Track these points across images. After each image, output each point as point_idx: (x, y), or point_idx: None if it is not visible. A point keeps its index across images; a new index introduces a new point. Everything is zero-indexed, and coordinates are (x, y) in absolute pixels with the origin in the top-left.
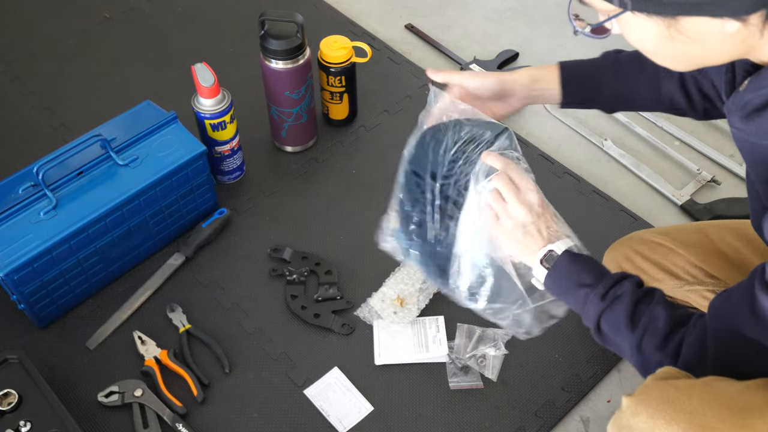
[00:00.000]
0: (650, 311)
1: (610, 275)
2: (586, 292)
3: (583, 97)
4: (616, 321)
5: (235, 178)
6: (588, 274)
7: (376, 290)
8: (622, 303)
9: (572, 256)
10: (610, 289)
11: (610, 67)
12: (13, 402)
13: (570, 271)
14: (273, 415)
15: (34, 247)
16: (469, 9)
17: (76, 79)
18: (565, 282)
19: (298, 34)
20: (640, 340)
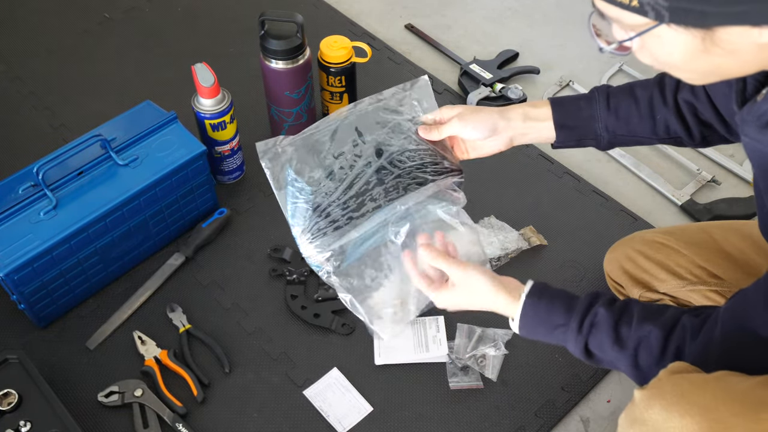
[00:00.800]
0: (635, 330)
1: (577, 305)
2: (563, 331)
3: (578, 134)
4: (602, 347)
5: (235, 178)
6: (557, 313)
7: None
8: (601, 330)
9: (533, 300)
10: (583, 320)
11: (602, 101)
12: (13, 402)
13: (537, 317)
14: (273, 415)
15: (34, 247)
16: (469, 9)
17: (76, 79)
18: (539, 329)
19: (298, 34)
20: (635, 359)
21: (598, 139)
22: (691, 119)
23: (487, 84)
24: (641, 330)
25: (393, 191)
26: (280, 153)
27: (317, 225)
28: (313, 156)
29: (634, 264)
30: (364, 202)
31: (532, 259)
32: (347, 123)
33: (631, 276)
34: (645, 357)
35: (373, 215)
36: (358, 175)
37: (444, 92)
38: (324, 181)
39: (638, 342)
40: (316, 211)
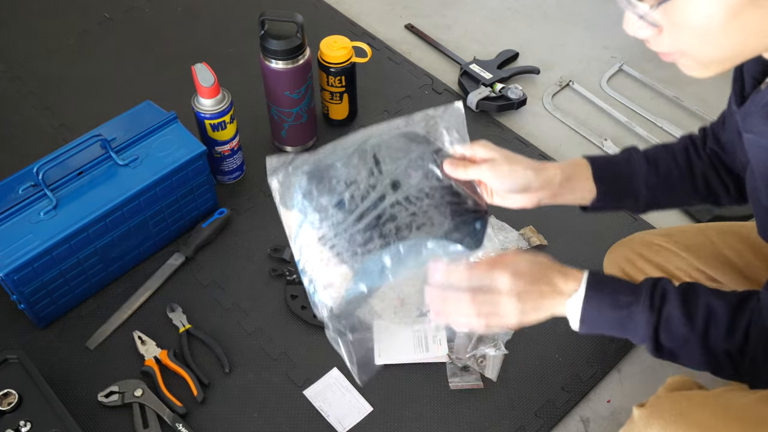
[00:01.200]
0: (704, 304)
1: (642, 284)
2: (632, 311)
3: (619, 190)
4: (673, 328)
5: (235, 178)
6: (623, 292)
7: None
8: (672, 305)
9: (595, 282)
10: (653, 295)
11: (641, 157)
12: (13, 402)
13: (602, 299)
14: (273, 415)
15: (34, 247)
16: (469, 9)
17: (76, 79)
18: (606, 311)
19: (298, 34)
20: (704, 337)
21: (638, 197)
22: (724, 172)
23: (487, 84)
24: (710, 305)
25: (405, 230)
26: (291, 173)
27: (320, 255)
28: (324, 181)
29: (633, 266)
30: (372, 238)
31: None
32: (366, 148)
33: (630, 278)
34: (715, 334)
35: (380, 253)
36: (369, 208)
37: (444, 92)
38: (332, 209)
39: (707, 318)
40: (320, 240)
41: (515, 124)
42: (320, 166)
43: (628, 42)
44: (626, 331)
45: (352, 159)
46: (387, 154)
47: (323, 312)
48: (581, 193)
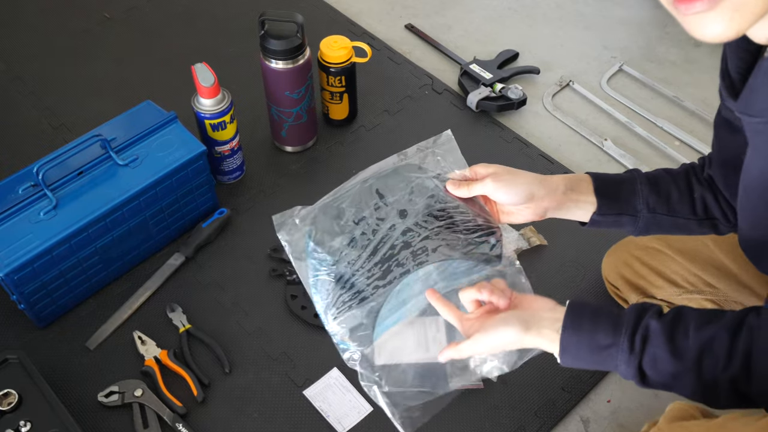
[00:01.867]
0: (694, 337)
1: (624, 321)
2: (611, 353)
3: (619, 207)
4: (658, 365)
5: (235, 178)
6: (602, 333)
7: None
8: (655, 345)
9: (573, 323)
10: (634, 337)
11: (642, 176)
12: (13, 402)
13: (580, 341)
14: (273, 415)
15: (34, 247)
16: (469, 9)
17: (76, 79)
18: (584, 353)
19: (298, 34)
20: (698, 370)
21: (637, 217)
22: (722, 200)
23: (487, 84)
24: (702, 335)
25: (422, 254)
26: (299, 225)
27: (341, 298)
28: (333, 224)
29: (631, 269)
30: (390, 269)
31: (532, 259)
32: (367, 186)
33: (628, 281)
34: (709, 365)
35: (401, 281)
36: (382, 240)
37: (444, 92)
38: (346, 249)
39: (700, 350)
40: (339, 282)
41: (515, 124)
42: (326, 210)
43: (628, 42)
44: (609, 369)
45: (356, 198)
46: (389, 187)
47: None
48: (584, 205)
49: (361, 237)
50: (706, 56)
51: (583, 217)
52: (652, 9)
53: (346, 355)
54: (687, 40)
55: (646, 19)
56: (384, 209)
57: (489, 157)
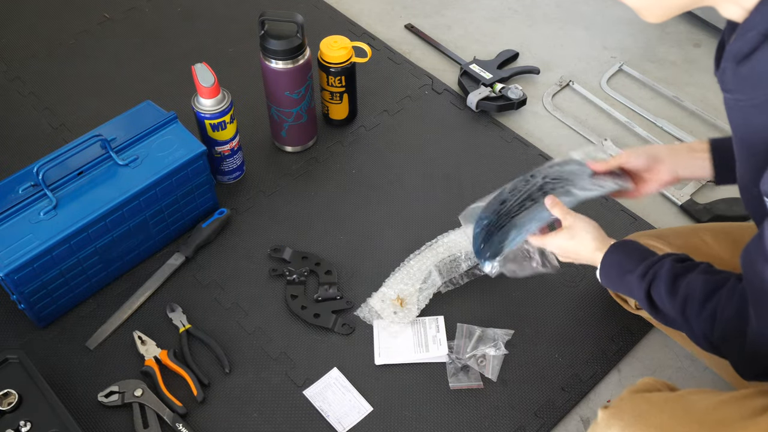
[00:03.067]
0: (688, 280)
1: (650, 257)
2: (629, 278)
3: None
4: (660, 295)
5: (235, 178)
6: (630, 262)
7: (376, 290)
8: (661, 279)
9: (614, 247)
10: (649, 269)
11: None
12: (13, 402)
13: (613, 263)
14: (273, 415)
15: (34, 247)
16: (469, 9)
17: (76, 79)
18: (613, 273)
19: (298, 34)
20: (683, 309)
21: None
22: None
23: (487, 84)
24: (692, 280)
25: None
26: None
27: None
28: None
29: None
30: (524, 205)
31: None
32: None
33: None
34: (690, 308)
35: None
36: (525, 192)
37: (444, 92)
38: (498, 206)
39: (686, 293)
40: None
41: (515, 124)
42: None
43: (628, 42)
44: (630, 294)
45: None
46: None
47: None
48: (703, 165)
49: (510, 197)
50: (706, 56)
51: (709, 174)
52: None
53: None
54: (687, 40)
55: None
56: (531, 181)
57: (489, 156)
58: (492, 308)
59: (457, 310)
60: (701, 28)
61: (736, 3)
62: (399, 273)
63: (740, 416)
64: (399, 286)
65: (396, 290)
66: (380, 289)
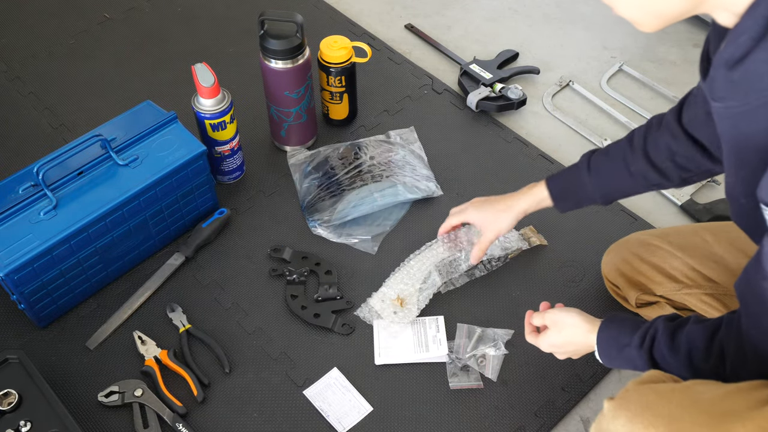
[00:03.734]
0: (686, 333)
1: (642, 325)
2: (628, 351)
3: (575, 200)
4: (664, 357)
5: (235, 178)
6: (623, 333)
7: (376, 290)
8: (659, 342)
9: (604, 326)
10: (645, 335)
11: (584, 168)
12: (13, 402)
13: (608, 339)
14: (273, 415)
15: (34, 247)
16: (469, 9)
17: (76, 79)
18: (612, 350)
19: (298, 34)
20: (689, 364)
21: (595, 200)
22: (667, 165)
23: (487, 84)
24: (690, 331)
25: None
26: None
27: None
28: None
29: (630, 266)
30: (355, 183)
31: (532, 259)
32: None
33: (627, 278)
34: (696, 359)
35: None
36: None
37: (444, 92)
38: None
39: (689, 345)
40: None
41: (515, 124)
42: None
43: (628, 42)
44: (631, 365)
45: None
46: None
47: None
48: (546, 207)
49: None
50: None
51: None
52: None
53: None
54: (687, 40)
55: None
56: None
57: (489, 157)
58: (492, 308)
59: (457, 310)
60: (701, 28)
61: (726, 9)
62: (399, 273)
63: (746, 407)
64: (399, 286)
65: (396, 290)
66: (380, 289)
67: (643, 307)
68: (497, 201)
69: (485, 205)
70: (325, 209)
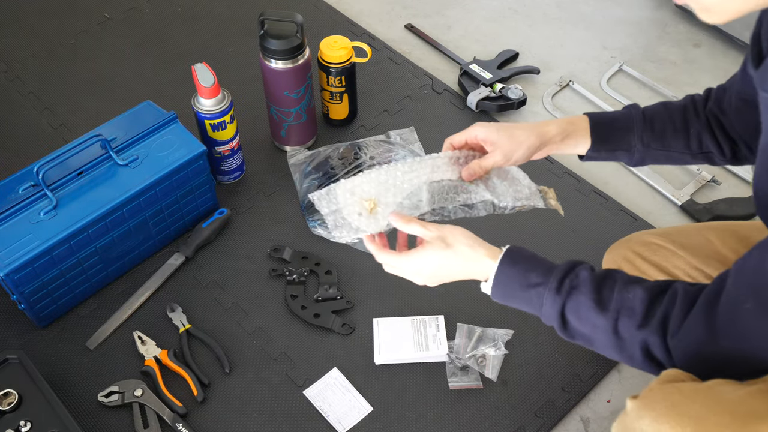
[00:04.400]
0: (619, 292)
1: (558, 266)
2: (539, 292)
3: (613, 144)
4: (581, 311)
5: (235, 178)
6: (534, 272)
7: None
8: (582, 292)
9: (511, 259)
10: (563, 280)
11: (638, 114)
12: (13, 402)
13: (512, 275)
14: (273, 415)
15: (34, 247)
16: (469, 9)
17: (76, 79)
18: (513, 288)
19: (298, 34)
20: (615, 324)
21: (632, 151)
22: (721, 134)
23: (487, 84)
24: (625, 292)
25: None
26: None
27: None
28: None
29: (632, 265)
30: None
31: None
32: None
33: None
34: (626, 322)
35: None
36: (354, 167)
37: (444, 92)
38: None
39: (620, 304)
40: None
41: None
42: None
43: (627, 42)
44: (534, 310)
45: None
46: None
47: None
48: (580, 145)
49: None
50: (706, 56)
51: (579, 153)
52: (652, 9)
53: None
54: (687, 40)
55: (646, 19)
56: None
57: None
58: (492, 308)
59: (457, 310)
60: (701, 28)
61: None
62: (382, 172)
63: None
64: (378, 188)
65: (374, 190)
66: (354, 179)
67: None
68: (520, 125)
69: (505, 125)
70: None
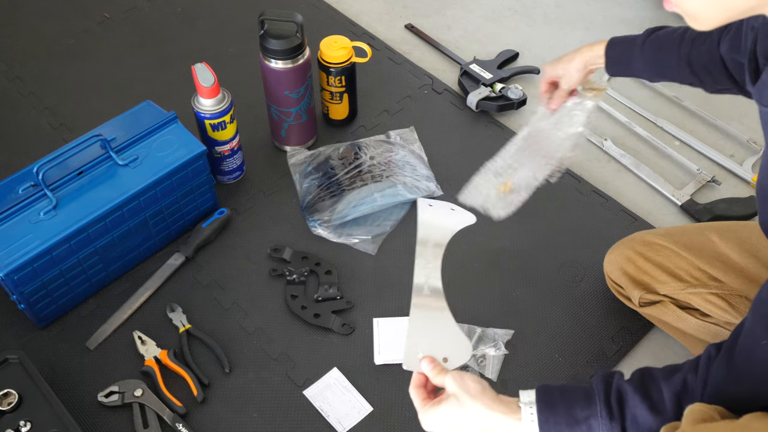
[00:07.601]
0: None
1: (595, 390)
2: (590, 424)
3: (627, 71)
4: (641, 424)
5: (235, 178)
6: (577, 406)
7: (349, 177)
8: (632, 406)
9: (546, 404)
10: (609, 402)
11: (639, 45)
12: (13, 402)
13: (557, 420)
14: (273, 415)
15: (34, 247)
16: (469, 9)
17: (76, 79)
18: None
19: (298, 34)
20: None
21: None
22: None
23: (487, 84)
24: (673, 383)
25: (377, 177)
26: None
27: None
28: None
29: (634, 265)
30: (355, 183)
31: (531, 258)
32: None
33: (630, 277)
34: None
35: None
36: (355, 168)
37: (444, 92)
38: (328, 170)
39: (677, 396)
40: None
41: (515, 124)
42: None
43: None
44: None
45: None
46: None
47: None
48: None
49: (340, 162)
50: None
51: None
52: (652, 9)
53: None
54: None
55: (646, 19)
56: (361, 158)
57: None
58: (492, 308)
59: (457, 310)
60: None
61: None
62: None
63: None
64: (508, 171)
65: (505, 174)
66: (492, 165)
67: (647, 306)
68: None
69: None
70: (325, 209)
